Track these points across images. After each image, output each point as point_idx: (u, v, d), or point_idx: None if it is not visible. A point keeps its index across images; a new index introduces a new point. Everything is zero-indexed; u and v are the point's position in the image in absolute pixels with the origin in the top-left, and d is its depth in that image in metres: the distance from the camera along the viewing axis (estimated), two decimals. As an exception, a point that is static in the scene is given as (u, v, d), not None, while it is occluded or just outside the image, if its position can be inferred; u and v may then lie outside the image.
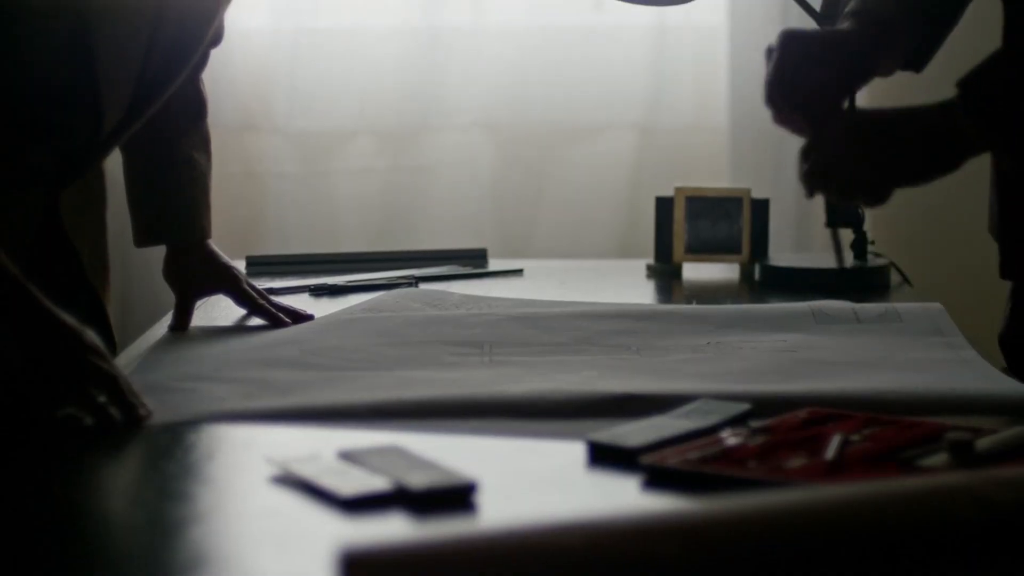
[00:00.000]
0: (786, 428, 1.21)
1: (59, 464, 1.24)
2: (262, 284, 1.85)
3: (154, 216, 1.76)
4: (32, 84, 1.43)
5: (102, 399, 1.30)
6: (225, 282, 1.77)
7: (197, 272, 1.77)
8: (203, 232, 1.77)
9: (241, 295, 1.77)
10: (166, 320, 1.78)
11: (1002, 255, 1.63)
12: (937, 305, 1.77)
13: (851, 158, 1.45)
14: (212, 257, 1.78)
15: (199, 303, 1.79)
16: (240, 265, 1.92)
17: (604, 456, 1.18)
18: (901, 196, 1.45)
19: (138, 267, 1.84)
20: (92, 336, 1.33)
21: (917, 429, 1.20)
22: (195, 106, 1.77)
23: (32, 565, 0.97)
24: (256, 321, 1.76)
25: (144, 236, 1.78)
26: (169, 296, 1.79)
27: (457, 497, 1.07)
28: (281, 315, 1.74)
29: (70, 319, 1.32)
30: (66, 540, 1.01)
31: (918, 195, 2.89)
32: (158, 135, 1.70)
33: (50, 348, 1.31)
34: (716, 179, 2.91)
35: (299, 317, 1.74)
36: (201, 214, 1.77)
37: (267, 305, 1.76)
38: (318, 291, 2.00)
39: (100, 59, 1.43)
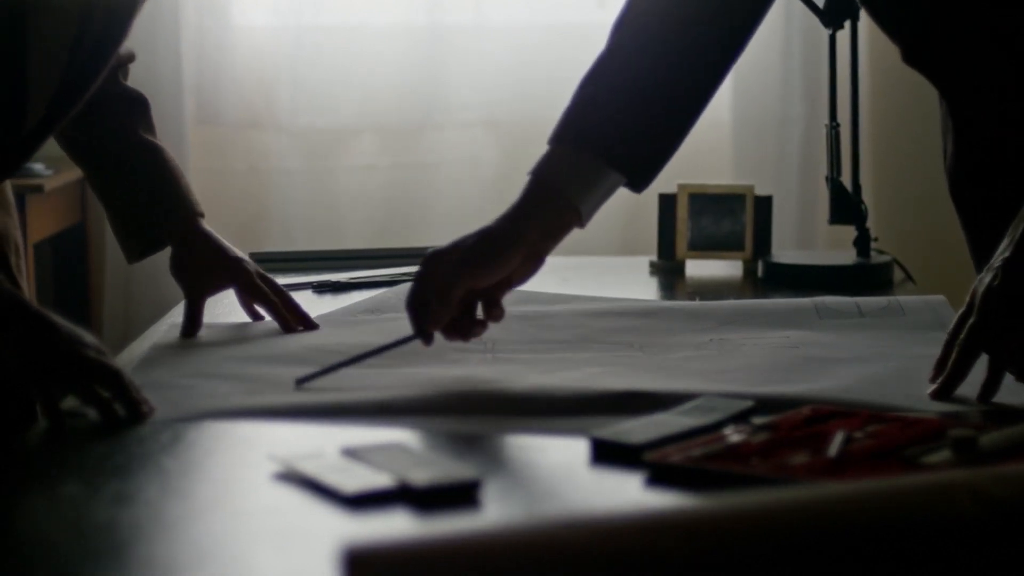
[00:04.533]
0: (789, 425, 1.21)
1: (59, 461, 1.25)
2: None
3: (143, 210, 1.71)
4: None
5: (106, 395, 1.30)
6: (236, 276, 1.72)
7: (206, 265, 1.72)
8: (196, 206, 1.73)
9: (252, 290, 1.72)
10: (168, 317, 1.78)
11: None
12: (940, 297, 1.77)
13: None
14: (221, 250, 1.73)
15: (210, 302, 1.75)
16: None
17: (607, 453, 1.18)
18: (903, 194, 1.45)
19: (140, 265, 1.83)
20: (90, 335, 1.33)
21: (920, 426, 1.20)
22: (138, 102, 1.74)
23: (32, 562, 0.97)
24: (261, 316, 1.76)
25: (138, 239, 1.73)
26: (171, 292, 1.78)
27: (460, 494, 1.07)
28: (289, 318, 1.71)
29: (64, 320, 1.32)
30: (67, 536, 1.02)
31: (921, 192, 2.89)
32: (114, 138, 1.68)
33: (51, 350, 1.31)
34: (719, 176, 2.91)
35: (308, 323, 1.70)
36: (187, 190, 1.73)
37: (277, 303, 1.71)
38: (321, 288, 2.00)
39: (30, 58, 1.41)
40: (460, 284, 1.45)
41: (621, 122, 1.53)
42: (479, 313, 1.50)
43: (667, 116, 1.56)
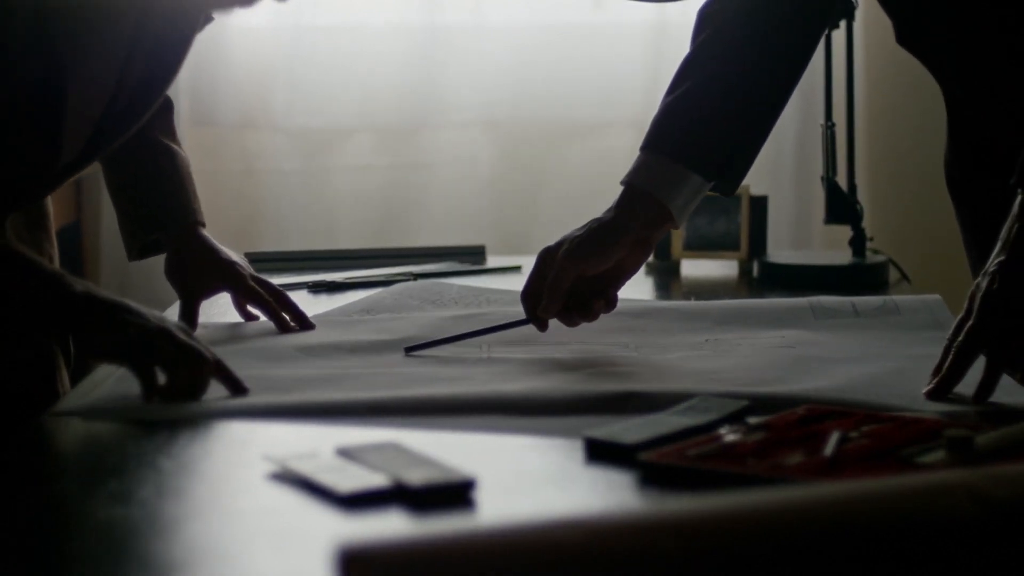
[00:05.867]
0: (784, 425, 1.21)
1: (56, 461, 1.24)
2: (262, 281, 1.84)
3: (147, 210, 1.72)
4: None
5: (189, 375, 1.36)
6: (230, 279, 1.73)
7: (201, 268, 1.72)
8: (197, 215, 1.74)
9: (247, 292, 1.73)
10: (165, 318, 1.77)
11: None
12: (936, 297, 1.77)
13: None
14: (215, 252, 1.73)
15: (203, 302, 1.76)
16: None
17: (602, 453, 1.18)
18: (898, 194, 1.45)
19: (136, 265, 1.83)
20: (173, 320, 1.40)
21: (915, 426, 1.20)
22: (162, 103, 1.75)
23: (29, 562, 0.97)
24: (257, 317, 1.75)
25: (140, 238, 1.74)
26: (167, 293, 1.78)
27: (455, 494, 1.07)
28: (285, 317, 1.71)
29: (144, 307, 1.37)
30: (63, 537, 1.01)
31: (917, 192, 2.89)
32: (132, 137, 1.69)
33: (143, 334, 1.35)
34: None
35: (305, 323, 1.71)
36: (192, 197, 1.74)
37: (272, 304, 1.72)
38: (317, 288, 2.00)
39: (70, 96, 1.41)
40: (569, 272, 1.57)
41: (698, 129, 1.62)
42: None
43: (745, 120, 1.64)
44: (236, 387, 1.39)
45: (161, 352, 1.35)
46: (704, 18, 1.66)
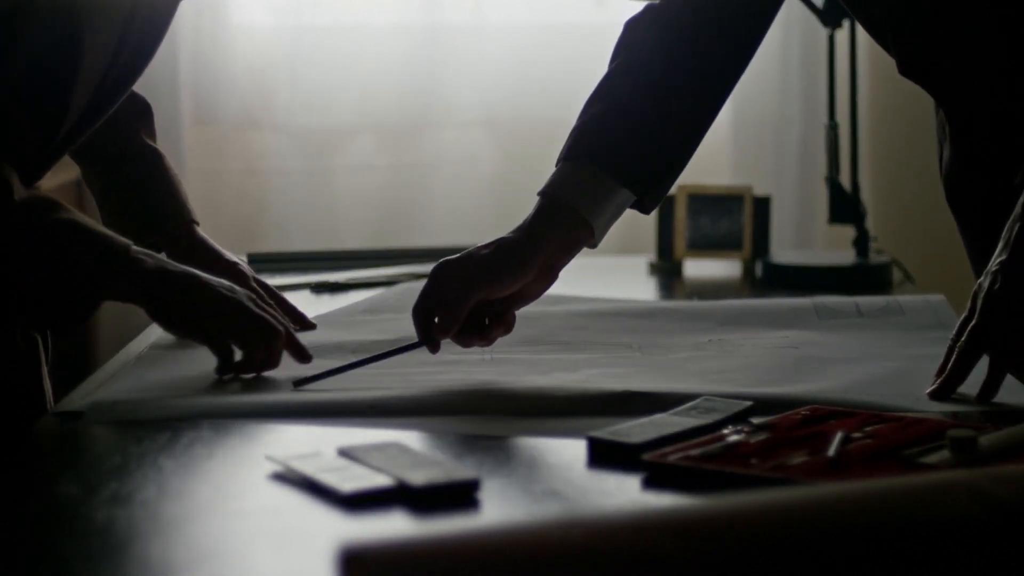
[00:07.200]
0: (787, 425, 1.21)
1: (57, 460, 1.24)
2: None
3: (140, 215, 1.72)
4: (12, 89, 1.39)
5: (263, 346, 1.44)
6: (232, 279, 1.71)
7: (204, 270, 1.73)
8: (192, 213, 1.73)
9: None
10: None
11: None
12: (939, 297, 1.76)
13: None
14: (217, 254, 1.73)
15: None
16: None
17: (605, 453, 1.18)
18: (902, 193, 1.44)
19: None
20: (241, 288, 1.47)
21: (919, 426, 1.20)
22: (142, 106, 1.75)
23: (31, 562, 0.96)
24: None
25: (138, 240, 1.72)
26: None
27: (458, 494, 1.07)
28: (286, 320, 1.70)
29: (210, 276, 1.45)
30: (64, 537, 1.01)
31: (920, 191, 2.89)
32: (116, 137, 1.68)
33: (212, 306, 1.42)
34: (717, 176, 2.91)
35: (305, 324, 1.70)
36: (185, 197, 1.74)
37: (274, 306, 1.71)
38: (319, 288, 2.00)
39: (84, 59, 1.40)
40: (474, 294, 1.46)
41: (629, 140, 1.52)
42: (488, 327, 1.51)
43: (673, 134, 1.56)
44: (301, 355, 1.47)
45: (236, 327, 1.42)
46: (631, 27, 1.61)
